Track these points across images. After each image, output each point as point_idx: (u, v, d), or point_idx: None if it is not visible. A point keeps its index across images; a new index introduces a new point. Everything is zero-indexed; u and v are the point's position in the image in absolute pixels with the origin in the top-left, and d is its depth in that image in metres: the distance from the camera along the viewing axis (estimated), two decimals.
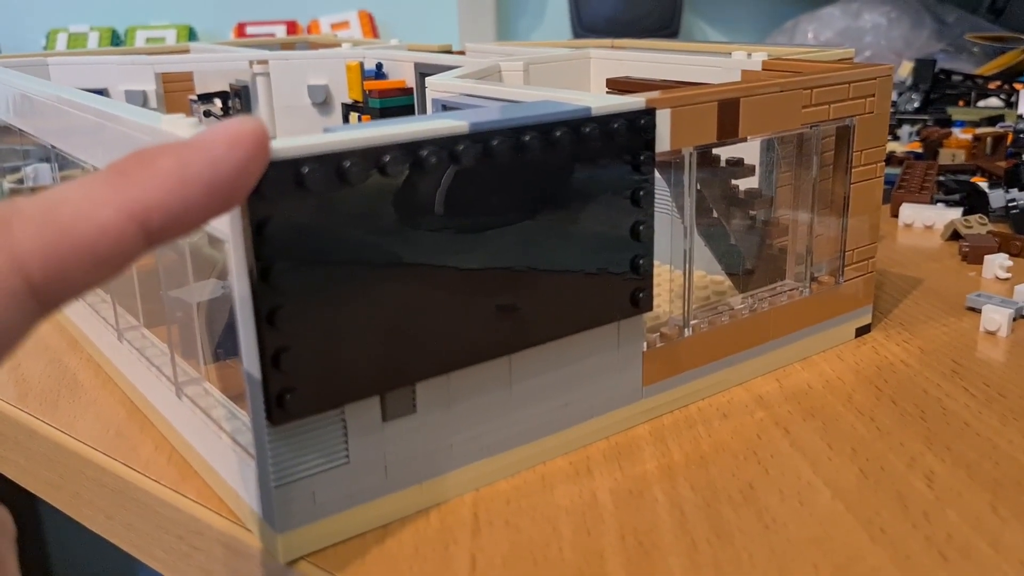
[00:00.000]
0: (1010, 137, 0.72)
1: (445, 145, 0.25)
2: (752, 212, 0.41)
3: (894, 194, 0.62)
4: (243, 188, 0.18)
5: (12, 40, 1.54)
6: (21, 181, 0.55)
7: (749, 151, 0.39)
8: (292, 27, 1.57)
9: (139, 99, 0.56)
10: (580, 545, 0.27)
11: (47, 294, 0.15)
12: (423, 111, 0.53)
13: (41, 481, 0.36)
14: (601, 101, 0.29)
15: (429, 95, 0.38)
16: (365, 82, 0.57)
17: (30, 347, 0.43)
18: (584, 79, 0.52)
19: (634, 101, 0.30)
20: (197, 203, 0.17)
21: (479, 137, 0.26)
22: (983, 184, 0.63)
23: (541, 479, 0.30)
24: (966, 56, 1.16)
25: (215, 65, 0.60)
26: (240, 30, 1.56)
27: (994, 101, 0.93)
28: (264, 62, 0.58)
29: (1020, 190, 0.57)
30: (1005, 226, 0.57)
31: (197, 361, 0.32)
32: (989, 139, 0.72)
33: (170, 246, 0.31)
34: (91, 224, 0.16)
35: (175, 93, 0.58)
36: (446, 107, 0.36)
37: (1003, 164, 0.66)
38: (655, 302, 0.32)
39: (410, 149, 0.24)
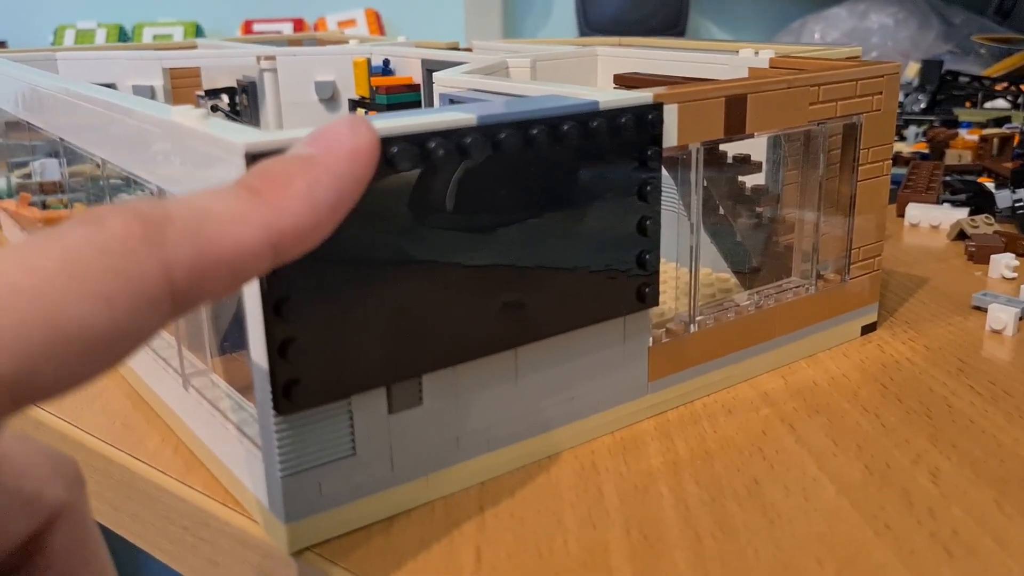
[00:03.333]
0: (1017, 138, 0.72)
1: (453, 137, 0.25)
2: (758, 209, 0.41)
3: (900, 194, 0.62)
4: (354, 201, 0.18)
5: (20, 36, 1.54)
6: (29, 176, 0.55)
7: (756, 148, 0.39)
8: (299, 25, 1.58)
9: (146, 94, 0.56)
10: (585, 539, 0.27)
11: (181, 302, 0.16)
12: (430, 107, 0.53)
13: None
14: (609, 96, 0.29)
15: (436, 90, 0.38)
16: (372, 78, 0.57)
17: None
18: (591, 76, 0.52)
19: (642, 96, 0.30)
20: (322, 224, 0.18)
21: (487, 130, 0.26)
22: (989, 184, 0.63)
23: (547, 473, 0.30)
24: (973, 57, 1.16)
25: (222, 61, 0.60)
26: (247, 27, 1.57)
27: (1001, 102, 0.92)
28: (271, 58, 0.58)
29: None
30: (1011, 226, 0.56)
31: (204, 353, 0.32)
32: (996, 140, 0.72)
33: None
34: (234, 242, 0.16)
35: (182, 88, 0.58)
36: (453, 102, 0.36)
37: (1009, 165, 0.66)
38: (661, 298, 0.32)
39: (417, 141, 0.25)
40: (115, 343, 0.14)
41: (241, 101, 0.60)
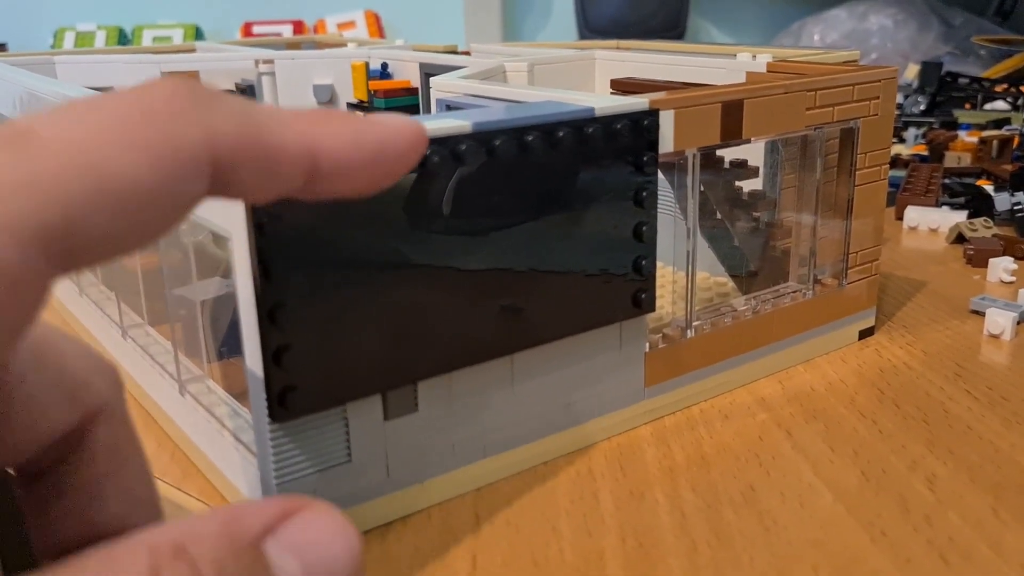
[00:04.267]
0: (1016, 140, 0.72)
1: (448, 145, 0.25)
2: (755, 214, 0.41)
3: (899, 196, 0.62)
4: (395, 175, 0.19)
5: (20, 38, 1.54)
6: None
7: (753, 153, 0.39)
8: (298, 27, 1.58)
9: None
10: (580, 546, 0.27)
11: (220, 179, 0.16)
12: (428, 111, 0.53)
13: None
14: (604, 102, 0.29)
15: (433, 95, 0.38)
16: (370, 82, 0.57)
17: None
18: (589, 80, 0.52)
19: (637, 102, 0.30)
20: (360, 168, 0.18)
21: (482, 137, 0.26)
22: (988, 187, 0.63)
23: (542, 479, 0.30)
24: (973, 59, 1.16)
25: (221, 64, 0.60)
26: (247, 29, 1.57)
27: (1000, 104, 0.92)
28: (270, 61, 0.58)
29: None
30: (1010, 229, 0.56)
31: (200, 359, 0.32)
32: (995, 142, 0.72)
33: (174, 244, 0.31)
34: (278, 139, 0.16)
35: None
36: (450, 107, 0.36)
37: (1009, 167, 0.66)
38: (658, 303, 0.32)
39: None
40: (159, 204, 0.15)
41: None
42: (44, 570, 0.13)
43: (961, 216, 0.59)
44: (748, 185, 0.40)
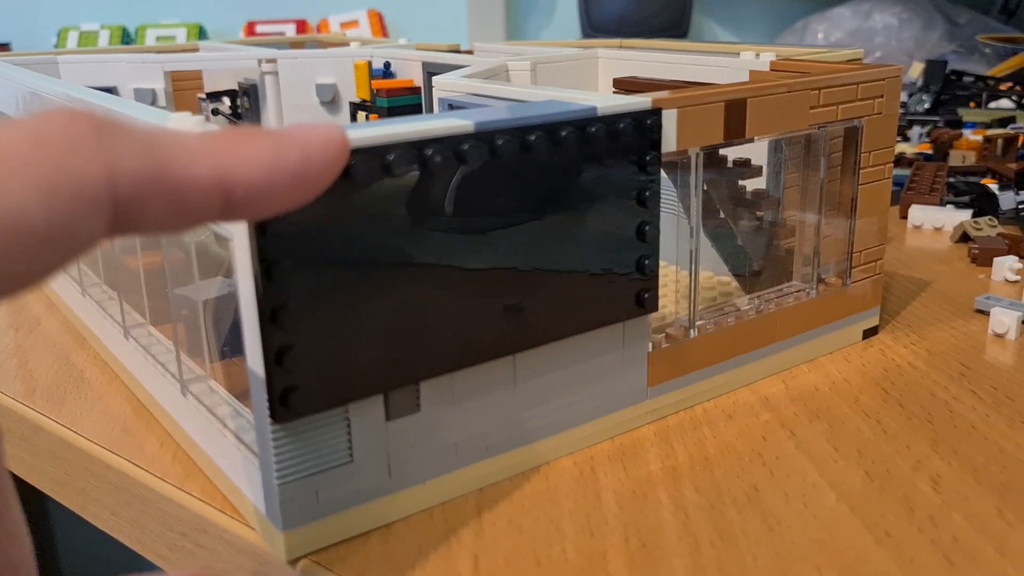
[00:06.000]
0: (1021, 139, 0.72)
1: (450, 144, 0.25)
2: (759, 213, 0.40)
3: (903, 195, 0.62)
4: (317, 189, 0.18)
5: (24, 38, 1.55)
6: None
7: (756, 152, 0.39)
8: (302, 26, 1.58)
9: (148, 97, 0.56)
10: (583, 546, 0.27)
11: (121, 218, 0.15)
12: (431, 110, 0.53)
13: (47, 477, 0.36)
14: (607, 101, 0.29)
15: (436, 95, 0.38)
16: (373, 81, 0.57)
17: (37, 343, 0.43)
18: (592, 79, 0.52)
19: (640, 101, 0.30)
20: (279, 191, 0.17)
21: (484, 136, 0.26)
22: (993, 186, 0.63)
23: (545, 479, 0.30)
24: (978, 57, 1.16)
25: (224, 64, 0.60)
26: (250, 29, 1.57)
27: (1005, 103, 0.92)
28: (273, 61, 0.58)
29: None
30: (1015, 228, 0.56)
31: (202, 359, 0.32)
32: (1000, 141, 0.71)
33: (175, 243, 0.31)
34: (184, 171, 0.16)
35: (184, 91, 0.58)
36: (453, 106, 0.36)
37: (1014, 166, 0.66)
38: (661, 303, 0.32)
39: (415, 148, 0.24)
40: (53, 243, 0.14)
41: (242, 104, 0.60)
42: None
43: (966, 215, 0.59)
44: (751, 184, 0.40)
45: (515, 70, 0.46)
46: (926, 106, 0.94)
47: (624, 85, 0.45)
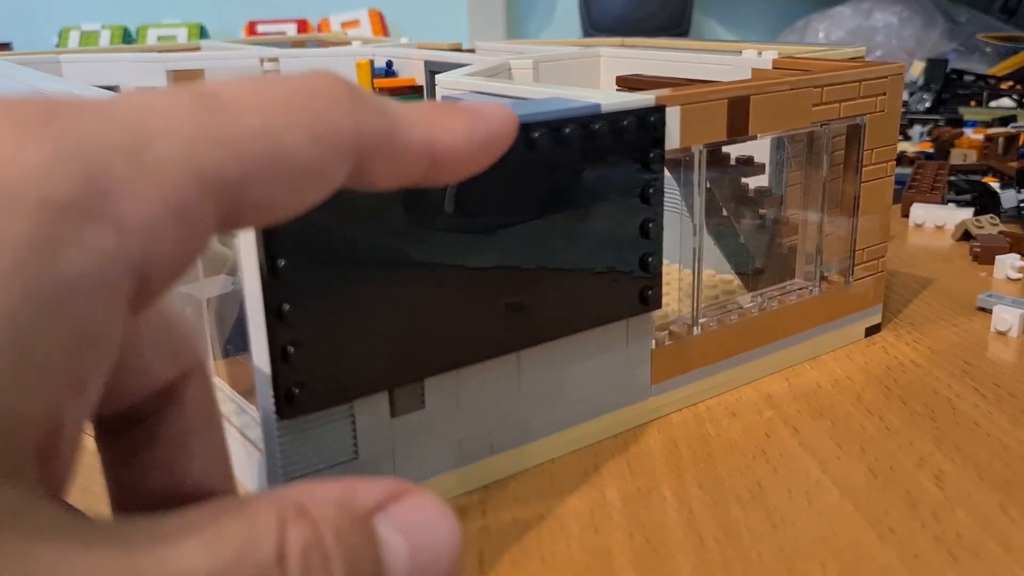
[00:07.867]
0: (1022, 137, 0.72)
1: None
2: (762, 211, 0.41)
3: (905, 194, 0.62)
4: (495, 159, 0.20)
5: (25, 38, 1.55)
6: None
7: (759, 149, 0.39)
8: (303, 25, 1.58)
9: None
10: (588, 543, 0.27)
11: (356, 171, 0.17)
12: None
13: None
14: (611, 98, 0.29)
15: (439, 93, 0.38)
16: (375, 80, 0.57)
17: None
18: (594, 77, 0.52)
19: (644, 98, 0.30)
20: (470, 159, 0.19)
21: None
22: (995, 184, 0.63)
23: (549, 476, 0.30)
24: (978, 56, 1.16)
25: (226, 63, 0.60)
26: (251, 28, 1.57)
27: (1006, 101, 0.92)
28: (274, 60, 0.58)
29: None
30: (1016, 226, 0.56)
31: (206, 356, 0.32)
32: (1001, 139, 0.71)
33: None
34: (406, 137, 0.17)
35: None
36: None
37: (1015, 164, 0.66)
38: (664, 300, 0.32)
39: None
40: (311, 180, 0.16)
41: None
42: (183, 511, 0.14)
43: (967, 213, 0.59)
44: (754, 182, 0.40)
45: (517, 68, 0.46)
46: (927, 105, 0.94)
47: (627, 83, 0.45)
